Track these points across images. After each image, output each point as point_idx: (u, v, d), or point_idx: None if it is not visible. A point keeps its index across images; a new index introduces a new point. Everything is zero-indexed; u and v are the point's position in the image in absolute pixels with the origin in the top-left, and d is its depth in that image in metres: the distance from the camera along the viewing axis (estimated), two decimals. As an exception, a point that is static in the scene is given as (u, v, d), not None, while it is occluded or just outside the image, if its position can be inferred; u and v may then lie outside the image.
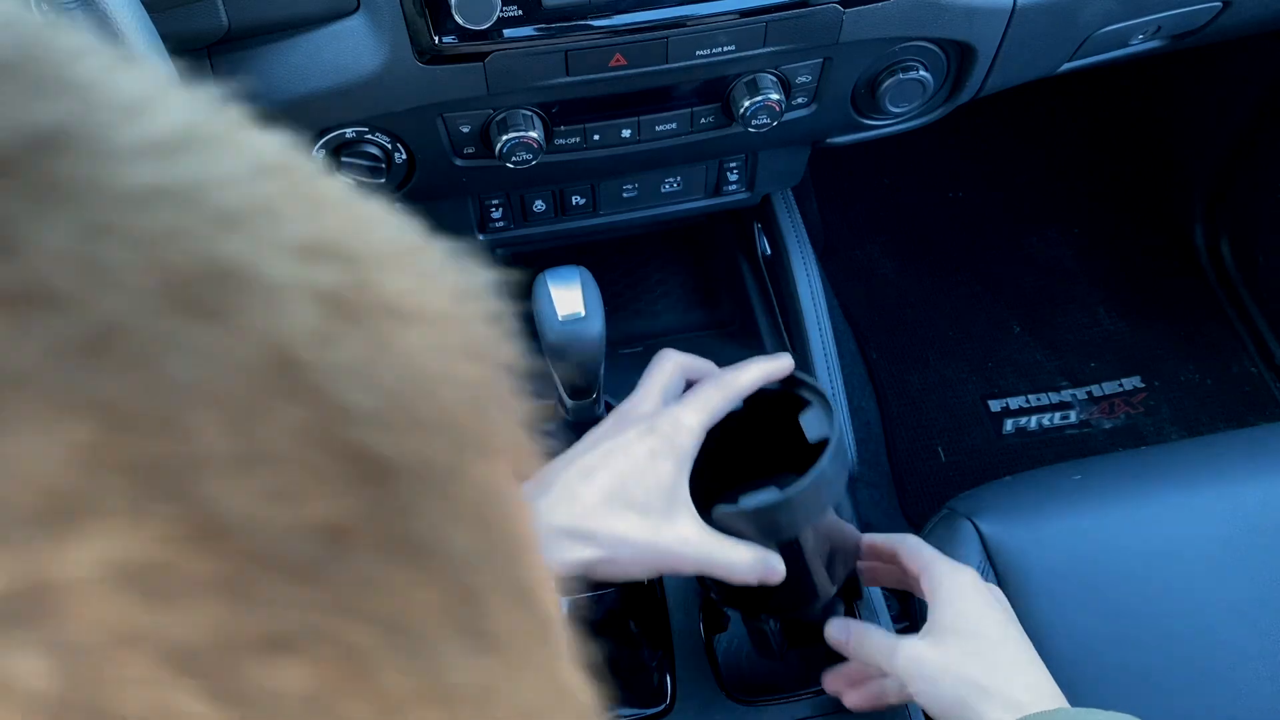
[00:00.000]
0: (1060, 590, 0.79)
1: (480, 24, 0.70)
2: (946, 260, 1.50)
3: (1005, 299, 1.46)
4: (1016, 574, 0.80)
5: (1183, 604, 0.78)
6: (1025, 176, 1.59)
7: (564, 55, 0.73)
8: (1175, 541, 0.81)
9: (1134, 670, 0.77)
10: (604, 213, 0.99)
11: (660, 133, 0.83)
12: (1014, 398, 1.37)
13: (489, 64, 0.72)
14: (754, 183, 1.01)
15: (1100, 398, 1.37)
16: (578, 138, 0.82)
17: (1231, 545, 0.80)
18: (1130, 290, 1.47)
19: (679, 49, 0.75)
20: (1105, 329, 1.43)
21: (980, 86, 0.88)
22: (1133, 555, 0.80)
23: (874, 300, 1.46)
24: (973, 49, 0.82)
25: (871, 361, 1.40)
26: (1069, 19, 0.84)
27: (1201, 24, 0.92)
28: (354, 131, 0.77)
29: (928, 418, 1.36)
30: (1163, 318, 1.44)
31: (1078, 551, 0.81)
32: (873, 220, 1.54)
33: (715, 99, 0.82)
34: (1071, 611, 0.79)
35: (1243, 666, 0.77)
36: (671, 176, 0.97)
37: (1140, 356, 1.41)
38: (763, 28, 0.75)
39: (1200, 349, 1.41)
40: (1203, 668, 0.77)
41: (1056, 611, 0.78)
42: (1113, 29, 0.87)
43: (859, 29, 0.77)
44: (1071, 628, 0.78)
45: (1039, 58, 0.88)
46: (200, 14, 0.67)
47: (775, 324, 1.12)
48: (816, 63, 0.80)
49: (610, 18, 0.72)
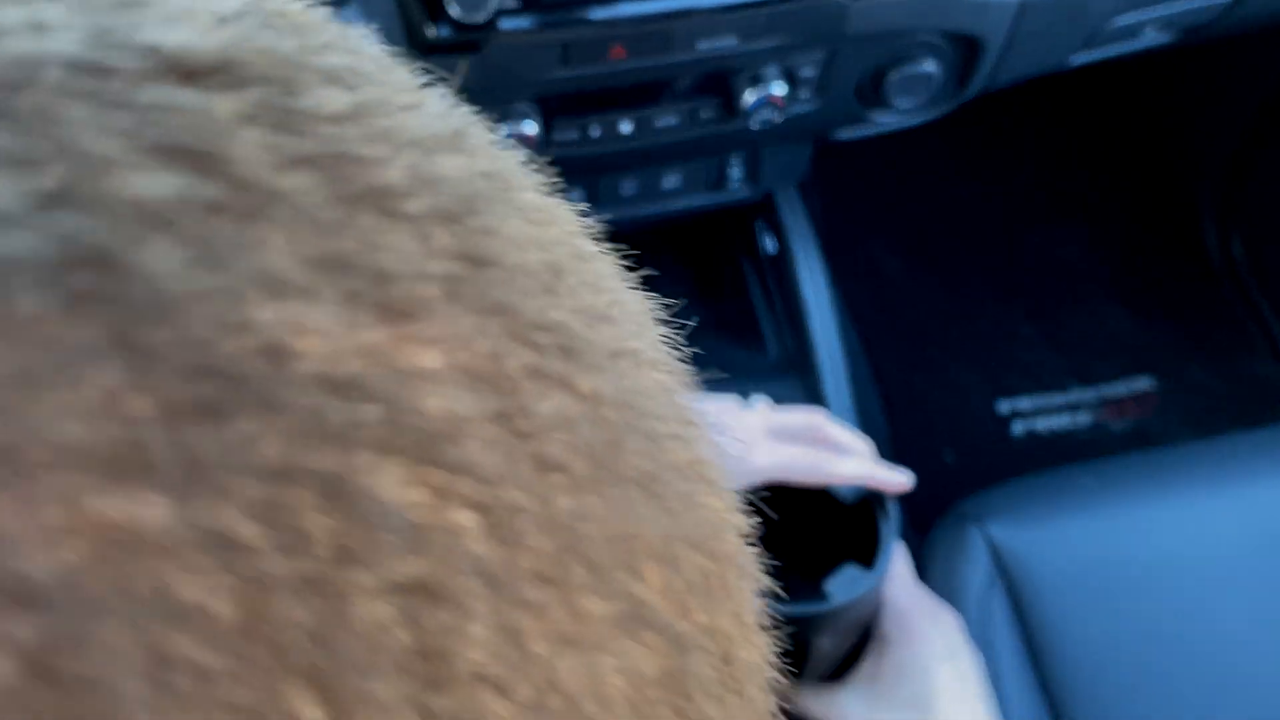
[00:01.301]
0: (1070, 594, 0.78)
1: (476, 15, 0.68)
2: (953, 258, 1.49)
3: (1013, 298, 1.45)
4: (1025, 578, 0.78)
5: (1197, 609, 0.77)
6: (1033, 174, 1.57)
7: (562, 47, 0.72)
8: (1188, 545, 0.79)
9: (1146, 676, 0.76)
10: (603, 210, 0.97)
11: (660, 128, 0.82)
12: (1023, 399, 1.36)
13: (484, 56, 0.71)
14: (757, 179, 1.00)
15: (1110, 399, 1.36)
16: (576, 133, 0.81)
17: (1246, 549, 0.79)
18: (1141, 290, 1.45)
19: (680, 40, 0.73)
20: (1115, 329, 1.42)
21: (988, 81, 0.87)
22: (1145, 559, 0.79)
23: (879, 299, 1.45)
24: (980, 42, 0.81)
25: (876, 362, 1.38)
26: (1078, 11, 0.83)
27: (1212, 17, 0.91)
28: (347, 126, 0.76)
29: (934, 419, 1.35)
30: (1173, 318, 1.43)
31: (1088, 555, 0.79)
32: (878, 218, 1.53)
33: (717, 93, 0.81)
34: (1082, 616, 0.77)
35: (1259, 672, 0.75)
36: (672, 173, 0.96)
37: (1151, 357, 1.39)
38: (766, 19, 0.74)
39: (1211, 349, 1.40)
40: (1218, 674, 0.75)
41: (1066, 616, 0.77)
42: (1122, 22, 0.86)
43: (864, 21, 0.75)
44: (1082, 632, 0.77)
45: (1048, 51, 0.87)
46: (189, 5, 0.65)
47: (778, 323, 1.11)
48: (821, 56, 0.79)
49: (610, 8, 0.71)
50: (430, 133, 0.15)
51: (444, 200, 0.14)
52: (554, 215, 0.17)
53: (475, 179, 0.15)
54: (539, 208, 0.16)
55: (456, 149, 0.15)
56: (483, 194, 0.15)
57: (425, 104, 0.16)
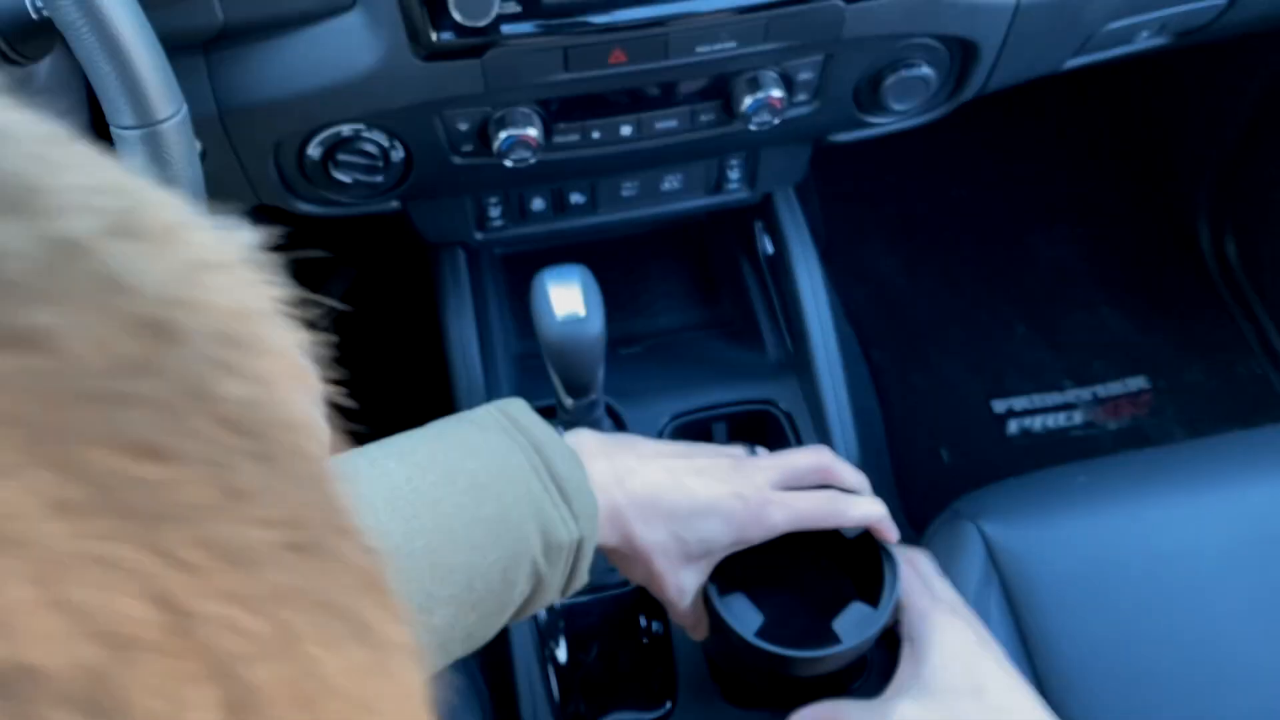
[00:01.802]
0: (1065, 592, 0.79)
1: (478, 20, 0.69)
2: (949, 259, 1.50)
3: (1009, 298, 1.46)
4: (1020, 576, 0.79)
5: (1191, 607, 0.78)
6: (1029, 175, 1.58)
7: (563, 51, 0.73)
8: (1183, 544, 0.80)
9: (1141, 675, 0.76)
10: (603, 211, 0.98)
11: (660, 130, 0.83)
12: (1018, 398, 1.37)
13: (487, 61, 0.72)
14: (755, 181, 1.00)
15: (1105, 398, 1.36)
16: (577, 135, 0.81)
17: (1240, 548, 0.79)
18: (1135, 290, 1.46)
19: (679, 45, 0.74)
20: (1110, 329, 1.43)
21: (984, 84, 0.87)
22: (1140, 558, 0.80)
23: (876, 299, 1.45)
24: (976, 45, 0.82)
25: (874, 361, 1.39)
26: (1073, 15, 0.83)
27: (1207, 21, 0.91)
28: (350, 129, 0.76)
29: (931, 419, 1.35)
30: (1168, 318, 1.43)
31: (1083, 554, 0.80)
32: (875, 219, 1.53)
33: (716, 96, 0.81)
34: (1077, 614, 0.78)
35: (1253, 671, 0.76)
36: (672, 175, 0.96)
37: (1145, 357, 1.40)
38: (764, 24, 0.74)
39: (1206, 349, 1.41)
40: (1212, 672, 0.76)
41: (1061, 614, 0.78)
42: (1117, 25, 0.86)
43: (861, 25, 0.76)
44: (1077, 631, 0.77)
45: (1043, 54, 0.88)
46: (196, 10, 0.66)
47: (776, 324, 1.11)
48: (818, 59, 0.80)
49: (610, 13, 0.72)
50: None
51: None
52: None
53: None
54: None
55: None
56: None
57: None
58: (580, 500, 0.56)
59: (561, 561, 0.56)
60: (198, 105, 0.70)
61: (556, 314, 0.71)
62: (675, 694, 0.90)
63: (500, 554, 0.53)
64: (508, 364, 1.11)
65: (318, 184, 0.81)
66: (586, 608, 0.93)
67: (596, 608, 0.93)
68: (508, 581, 0.54)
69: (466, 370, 1.02)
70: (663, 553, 0.61)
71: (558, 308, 0.71)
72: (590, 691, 0.90)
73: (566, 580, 0.58)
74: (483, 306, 1.11)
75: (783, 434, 1.03)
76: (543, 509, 0.55)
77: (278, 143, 0.76)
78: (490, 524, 0.53)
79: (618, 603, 0.93)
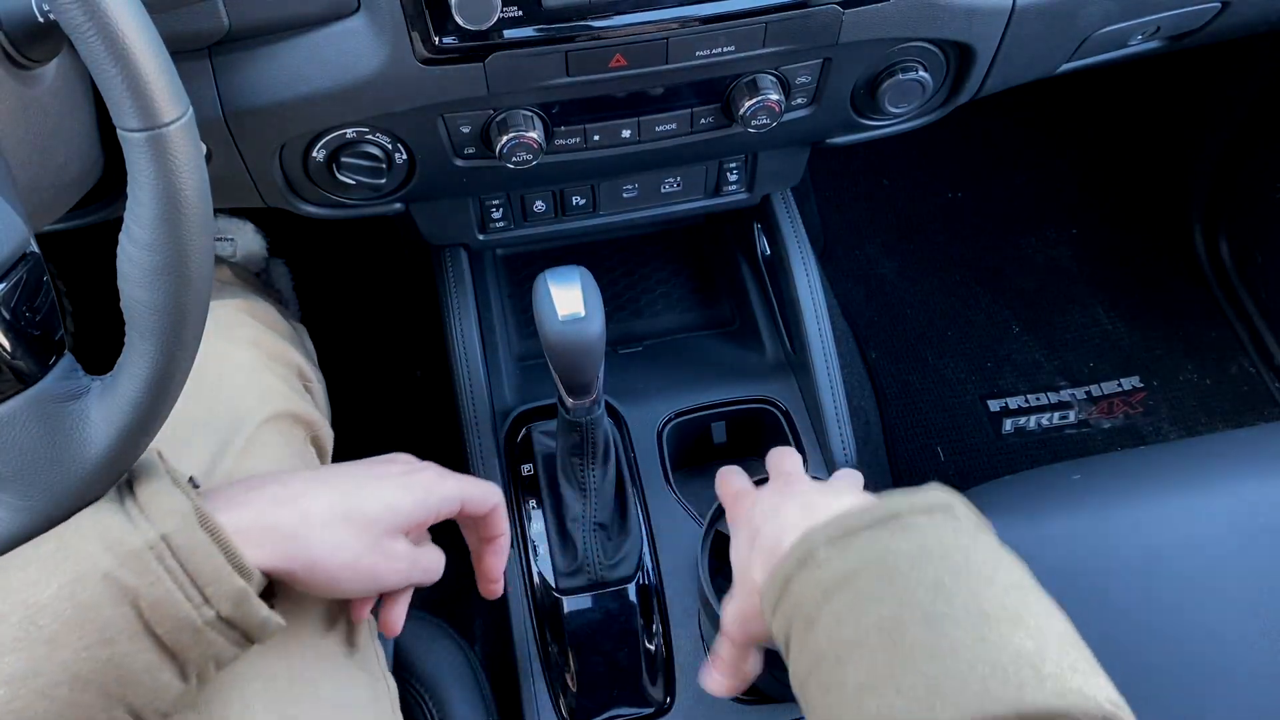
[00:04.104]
0: (1058, 590, 0.79)
1: (480, 24, 0.70)
2: (945, 260, 1.51)
3: (1004, 299, 1.46)
4: (1015, 573, 0.80)
5: (1182, 604, 0.78)
6: (1024, 177, 1.59)
7: (564, 56, 0.73)
8: (1175, 541, 0.81)
9: (1133, 671, 0.77)
10: (604, 213, 0.99)
11: (660, 133, 0.84)
12: (1013, 397, 1.37)
13: (489, 64, 0.73)
14: (754, 183, 1.01)
15: (1099, 397, 1.37)
16: (578, 138, 0.82)
17: (1231, 545, 0.80)
18: (1129, 290, 1.47)
19: (679, 50, 0.75)
20: (1104, 329, 1.44)
21: (979, 87, 0.88)
22: (1132, 555, 0.80)
23: (873, 300, 1.46)
24: (972, 49, 0.82)
25: (870, 361, 1.40)
26: (1068, 20, 0.84)
27: (1200, 24, 0.92)
28: (354, 132, 0.77)
29: (927, 418, 1.36)
30: (1161, 318, 1.44)
31: (1076, 551, 0.81)
32: (872, 220, 1.54)
33: (715, 99, 0.82)
34: (1070, 610, 0.78)
35: (1244, 667, 0.77)
36: (671, 177, 0.97)
37: (1139, 356, 1.41)
38: (762, 28, 0.75)
39: (1199, 349, 1.42)
40: (1203, 668, 0.77)
41: (1055, 611, 0.78)
42: (1112, 30, 0.87)
43: (859, 30, 0.77)
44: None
45: (1038, 58, 0.89)
46: (201, 14, 0.67)
47: (774, 324, 1.12)
48: (816, 63, 0.80)
49: (610, 18, 0.72)
50: None
51: None
52: None
53: None
54: None
55: None
56: None
57: None
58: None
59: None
60: (203, 108, 0.70)
61: (558, 314, 0.72)
62: (675, 693, 0.91)
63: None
64: (509, 364, 1.12)
65: (322, 186, 0.81)
66: (587, 608, 0.93)
67: (597, 608, 0.94)
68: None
69: (468, 370, 1.02)
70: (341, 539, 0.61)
71: (559, 308, 0.72)
72: (590, 691, 0.91)
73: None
74: (485, 307, 1.12)
75: (781, 432, 1.04)
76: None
77: (282, 145, 0.77)
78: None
79: (618, 603, 0.94)
